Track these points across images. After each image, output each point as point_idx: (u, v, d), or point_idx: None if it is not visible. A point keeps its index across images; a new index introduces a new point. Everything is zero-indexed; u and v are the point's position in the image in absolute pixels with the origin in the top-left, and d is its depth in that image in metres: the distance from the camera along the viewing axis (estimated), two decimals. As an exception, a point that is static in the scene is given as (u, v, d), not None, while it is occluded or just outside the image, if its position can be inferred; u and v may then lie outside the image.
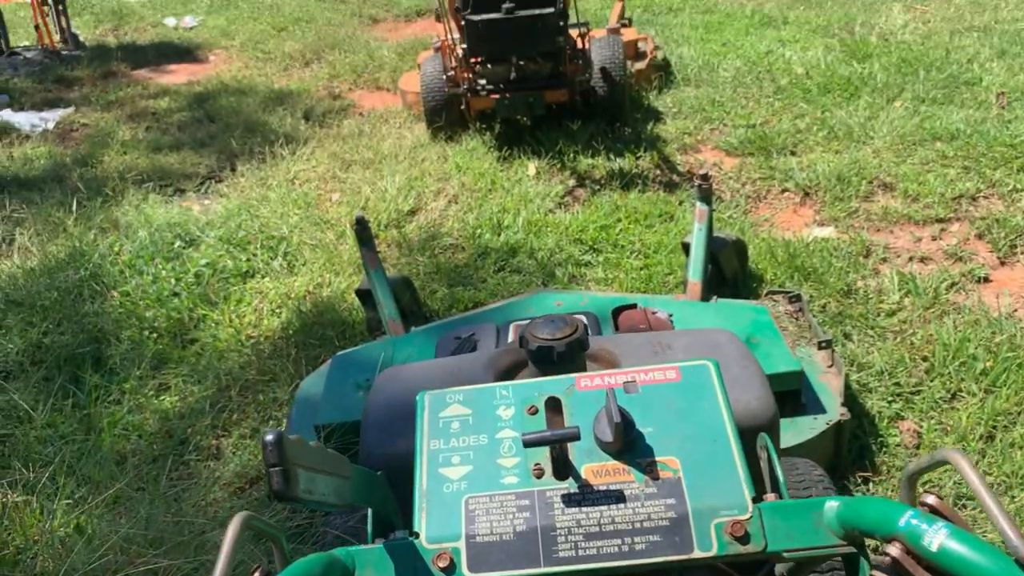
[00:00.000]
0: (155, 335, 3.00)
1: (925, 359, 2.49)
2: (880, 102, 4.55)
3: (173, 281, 3.27)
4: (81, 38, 7.28)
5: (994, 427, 2.21)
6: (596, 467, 0.79)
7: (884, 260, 3.13)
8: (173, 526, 1.99)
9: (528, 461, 0.81)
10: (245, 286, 3.27)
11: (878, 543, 0.74)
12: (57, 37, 6.99)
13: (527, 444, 0.75)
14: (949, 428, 2.23)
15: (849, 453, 2.15)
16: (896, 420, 2.29)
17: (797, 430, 1.98)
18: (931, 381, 2.40)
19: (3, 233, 3.84)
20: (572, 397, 0.85)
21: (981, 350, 2.45)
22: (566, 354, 1.01)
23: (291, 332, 2.95)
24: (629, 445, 0.80)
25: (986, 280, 2.94)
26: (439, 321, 2.56)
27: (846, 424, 2.04)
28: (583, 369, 1.06)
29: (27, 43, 7.19)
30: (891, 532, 0.65)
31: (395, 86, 5.51)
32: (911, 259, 3.11)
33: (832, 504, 0.75)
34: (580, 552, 0.74)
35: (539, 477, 0.80)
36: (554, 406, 0.85)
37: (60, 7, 6.97)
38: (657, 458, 0.79)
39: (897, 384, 2.40)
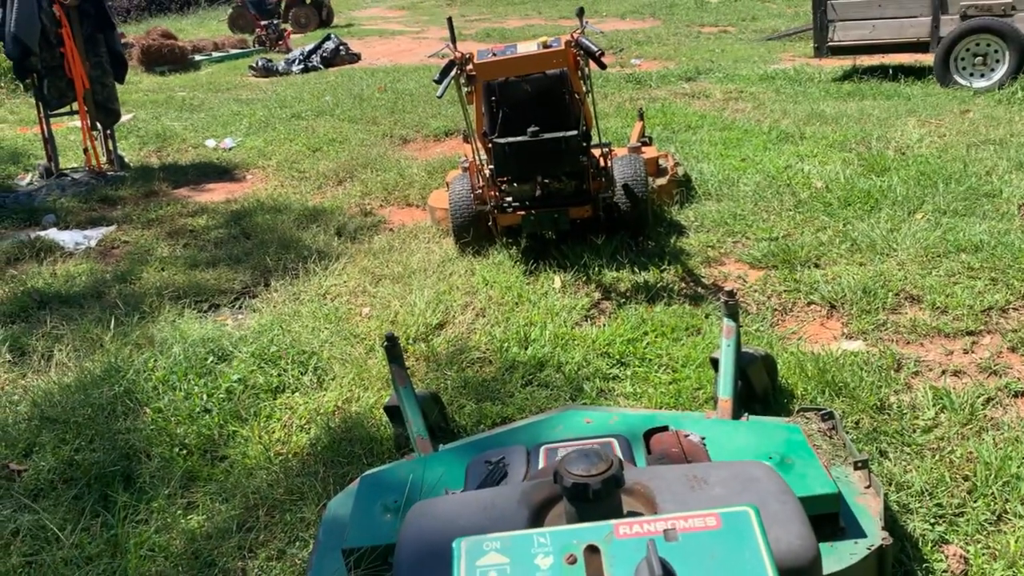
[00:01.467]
0: (185, 452, 3.02)
1: (966, 478, 2.42)
2: (901, 214, 4.60)
3: (205, 397, 3.31)
4: (126, 159, 7.64)
5: (1044, 552, 2.12)
6: None
7: (916, 374, 3.09)
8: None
9: None
10: (275, 402, 3.30)
11: None
12: (104, 159, 7.34)
13: None
14: (997, 553, 2.15)
15: (894, 580, 2.07)
16: (941, 544, 2.22)
17: (838, 556, 1.92)
18: (974, 502, 2.33)
19: (43, 349, 3.93)
20: (611, 545, 0.85)
21: (1024, 469, 2.39)
22: (602, 492, 1.01)
23: (319, 449, 2.95)
24: None
25: (1023, 395, 2.89)
26: (468, 439, 2.55)
27: (889, 549, 1.97)
28: (619, 505, 1.05)
29: (75, 165, 7.56)
30: None
31: (424, 203, 5.68)
32: (943, 373, 3.07)
33: None
34: None
35: None
36: (593, 555, 0.84)
37: (108, 131, 7.35)
38: None
39: (939, 505, 2.33)
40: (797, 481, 1.92)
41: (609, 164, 4.46)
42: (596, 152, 4.44)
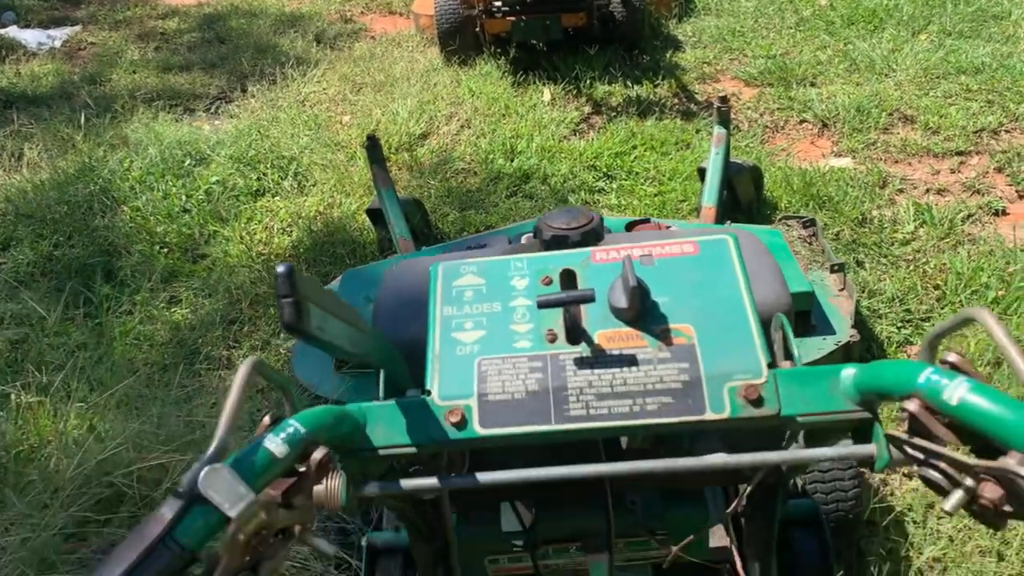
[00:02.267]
0: (166, 250, 3.01)
1: (937, 287, 2.47)
2: (905, 34, 4.43)
3: (184, 198, 3.26)
4: (88, -43, 7.12)
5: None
6: (609, 333, 0.78)
7: (901, 191, 3.08)
8: (184, 426, 2.01)
9: (541, 327, 0.80)
10: (256, 204, 3.26)
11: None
12: (64, -45, 6.82)
13: (541, 305, 0.75)
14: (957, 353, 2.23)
15: (857, 375, 2.15)
16: (905, 345, 2.29)
17: (805, 350, 1.98)
18: (942, 308, 2.39)
19: (12, 148, 3.81)
20: (587, 269, 0.84)
21: (994, 279, 2.43)
22: (580, 244, 1.00)
23: (302, 250, 2.95)
24: (643, 313, 0.79)
25: (1003, 213, 2.90)
26: (450, 242, 2.55)
27: (855, 346, 2.03)
28: None
29: (34, -39, 7.04)
30: (910, 389, 0.64)
31: (408, 10, 5.39)
32: (928, 191, 3.06)
33: (849, 371, 0.75)
34: (591, 411, 0.74)
35: (552, 342, 0.79)
36: (569, 277, 0.84)
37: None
38: (671, 325, 0.78)
39: (908, 311, 2.39)
40: (774, 279, 1.95)
41: (605, -31, 4.20)
42: (592, -46, 4.17)
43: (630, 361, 0.76)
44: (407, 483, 0.75)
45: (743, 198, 2.81)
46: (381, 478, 0.78)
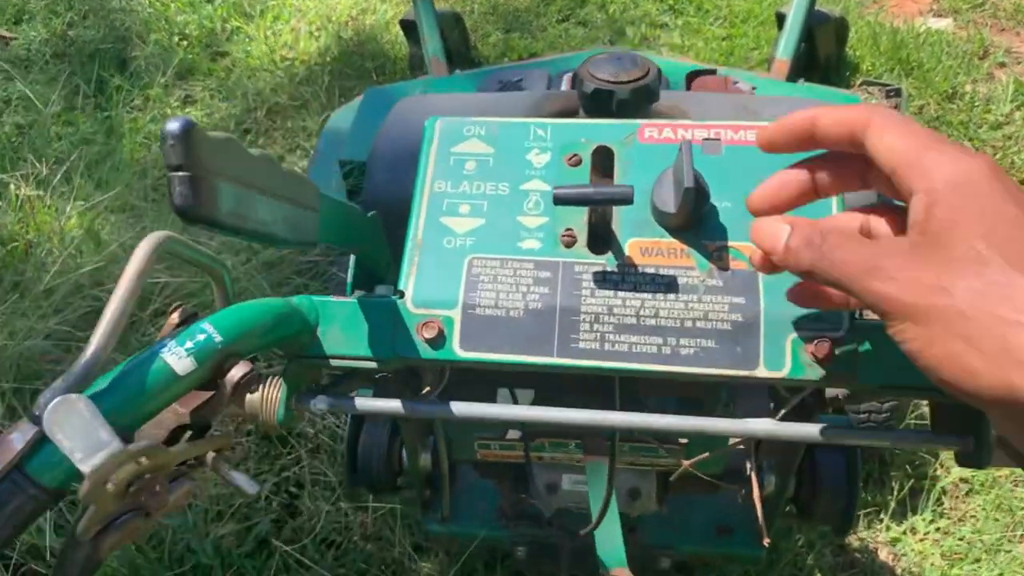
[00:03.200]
0: (185, 42, 2.78)
1: (1022, 182, 2.20)
2: None
3: (207, -15, 2.98)
4: None
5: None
6: (646, 243, 0.59)
7: (1002, 65, 2.72)
8: (189, 239, 1.90)
9: (557, 224, 0.61)
10: (284, 1, 2.97)
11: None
12: None
13: (558, 200, 0.55)
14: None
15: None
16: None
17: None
18: (1024, 207, 2.13)
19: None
20: (630, 149, 0.63)
21: (1091, 181, 2.16)
22: (629, 103, 0.77)
23: (328, 59, 2.71)
24: (696, 221, 0.58)
25: (1116, 104, 2.55)
26: (486, 68, 2.29)
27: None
28: None
29: None
30: None
31: None
32: (1034, 68, 2.70)
33: None
34: (606, 346, 0.56)
35: (569, 246, 0.59)
36: (604, 158, 0.63)
37: None
38: (731, 243, 0.58)
39: (985, 205, 2.15)
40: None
41: None
42: None
43: (668, 285, 0.57)
44: (363, 403, 0.60)
45: (822, 53, 2.48)
46: (332, 386, 0.64)
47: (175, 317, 0.50)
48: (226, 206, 0.44)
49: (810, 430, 0.57)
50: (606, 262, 0.58)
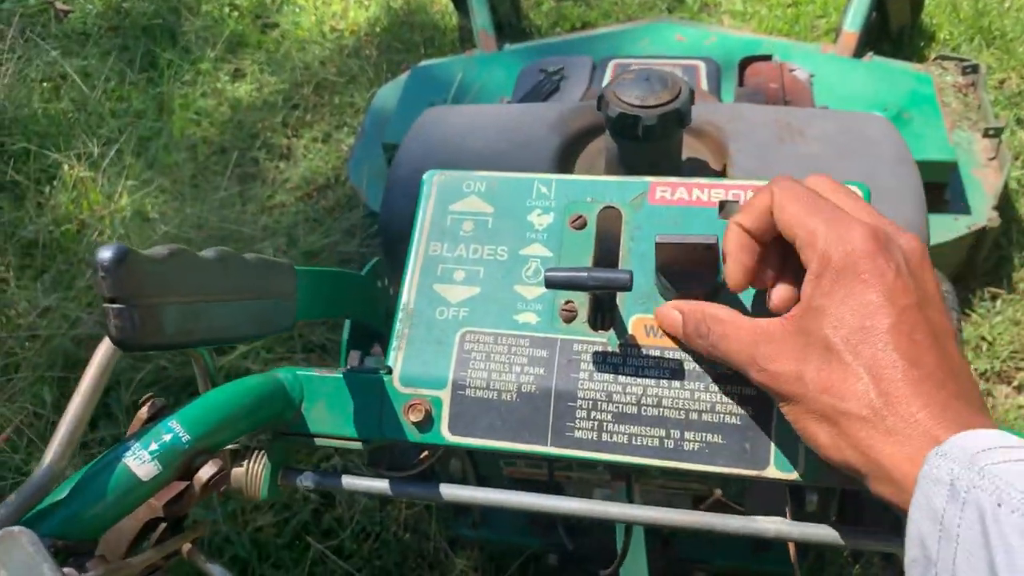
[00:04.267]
0: (236, 13, 2.77)
1: (1112, 164, 2.04)
2: None
3: (257, -46, 2.95)
4: None
5: None
6: (651, 321, 0.53)
7: (1096, 33, 2.51)
8: (232, 221, 1.90)
9: (558, 296, 0.56)
10: (334, -31, 2.93)
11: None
12: None
13: (550, 284, 0.50)
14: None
15: (984, 264, 1.84)
16: (1052, 233, 1.94)
17: (931, 231, 1.67)
18: (1111, 193, 1.98)
19: None
20: (640, 212, 0.57)
21: None
22: (655, 129, 0.70)
23: (377, 30, 2.66)
24: (705, 300, 0.52)
25: None
26: (537, 41, 2.22)
27: (990, 232, 1.70)
28: (677, 150, 0.76)
29: None
30: None
31: None
32: None
33: None
34: (604, 436, 0.52)
35: (568, 321, 0.54)
36: (611, 221, 0.58)
37: None
38: None
39: (1067, 190, 2.00)
40: (910, 142, 1.59)
41: None
42: None
43: (673, 371, 0.52)
44: (350, 482, 0.57)
45: (895, 23, 2.33)
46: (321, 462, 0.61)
47: (144, 412, 0.48)
48: (171, 328, 0.40)
49: (826, 533, 0.51)
50: (607, 341, 0.53)
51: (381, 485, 0.56)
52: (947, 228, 1.70)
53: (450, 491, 0.55)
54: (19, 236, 1.93)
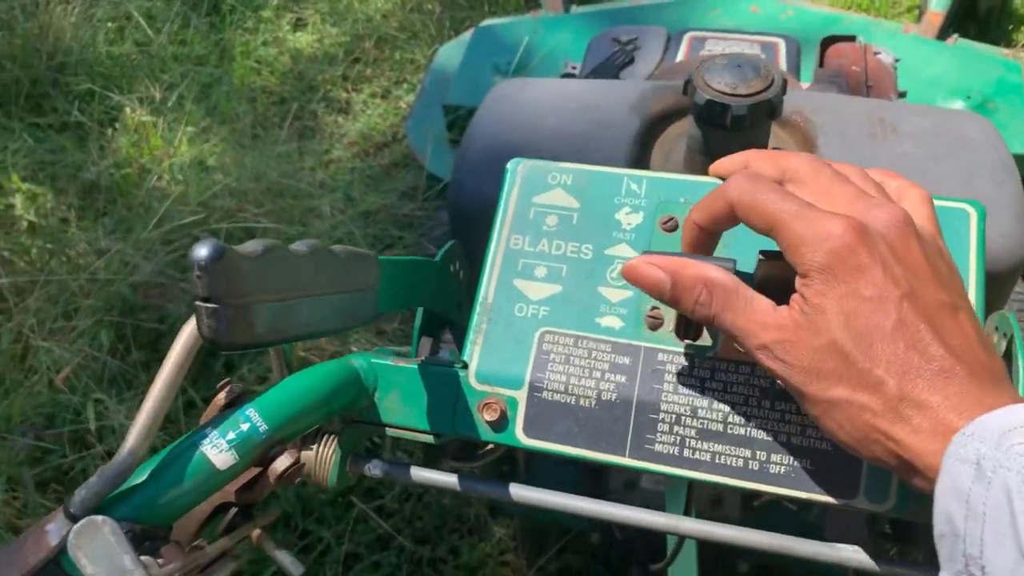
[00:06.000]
0: (299, -39, 2.74)
1: None
2: None
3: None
4: None
5: None
6: None
7: None
8: (291, 180, 1.90)
9: (643, 301, 0.54)
10: (400, -81, 2.87)
11: None
12: None
13: (628, 277, 0.48)
14: None
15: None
16: None
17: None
18: None
19: None
20: None
21: None
22: (745, 119, 0.67)
23: (442, -17, 2.62)
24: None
25: None
26: (604, 5, 2.16)
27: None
28: (765, 139, 0.72)
29: None
30: None
31: None
32: None
33: None
34: (686, 452, 0.50)
35: (654, 328, 0.52)
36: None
37: None
38: None
39: None
40: (996, 133, 1.52)
41: None
42: None
43: (763, 389, 0.50)
44: (418, 474, 0.56)
45: (983, 4, 2.22)
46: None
47: (221, 397, 0.47)
48: (262, 327, 0.39)
49: (912, 572, 0.49)
50: (695, 352, 0.52)
51: (449, 480, 0.55)
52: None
53: (519, 492, 0.54)
54: (81, 177, 1.95)
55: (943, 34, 1.94)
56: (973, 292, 0.53)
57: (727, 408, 0.50)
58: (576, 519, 1.29)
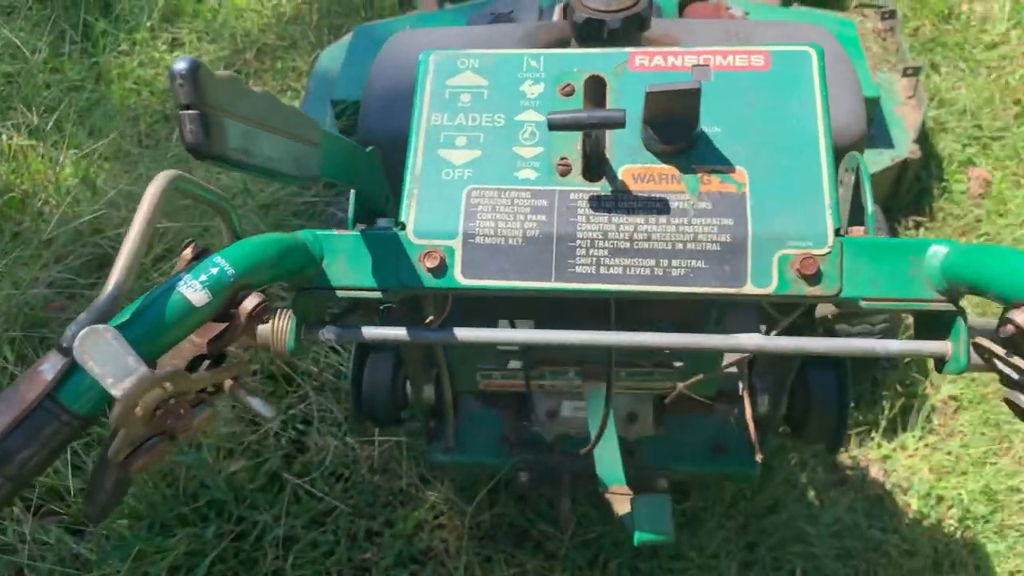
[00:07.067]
0: (168, -17, 2.73)
1: (1018, 102, 2.20)
2: None
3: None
4: None
5: (1075, 186, 1.99)
6: (638, 170, 0.62)
7: (1000, -17, 2.68)
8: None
9: (552, 153, 0.63)
10: (266, -63, 2.91)
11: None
12: None
13: (553, 126, 0.57)
14: (1023, 181, 2.02)
15: (907, 194, 1.97)
16: (967, 165, 2.08)
17: (857, 163, 1.78)
18: (1018, 127, 2.14)
19: None
20: (622, 78, 0.65)
21: (1086, 99, 2.16)
22: (619, 32, 0.78)
23: (315, -5, 2.67)
24: (686, 146, 0.62)
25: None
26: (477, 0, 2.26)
27: (912, 164, 1.83)
28: None
29: None
30: None
31: None
32: (1032, -15, 2.66)
33: (939, 249, 0.59)
34: (602, 270, 0.60)
35: (564, 175, 0.62)
36: (596, 87, 0.65)
37: None
38: (720, 167, 0.62)
39: (978, 127, 2.15)
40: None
41: None
42: None
43: (660, 209, 0.60)
44: (370, 331, 0.63)
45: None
46: (340, 317, 0.67)
47: (188, 252, 0.53)
48: (234, 142, 0.46)
49: (798, 343, 0.60)
50: (600, 189, 0.61)
51: (399, 332, 0.62)
52: (872, 161, 1.82)
53: (465, 333, 0.62)
54: (-39, 207, 1.89)
55: (786, 2, 2.14)
56: (821, 127, 0.64)
57: (631, 228, 0.60)
58: (505, 462, 1.35)
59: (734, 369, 1.28)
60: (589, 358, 1.03)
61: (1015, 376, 0.54)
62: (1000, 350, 0.54)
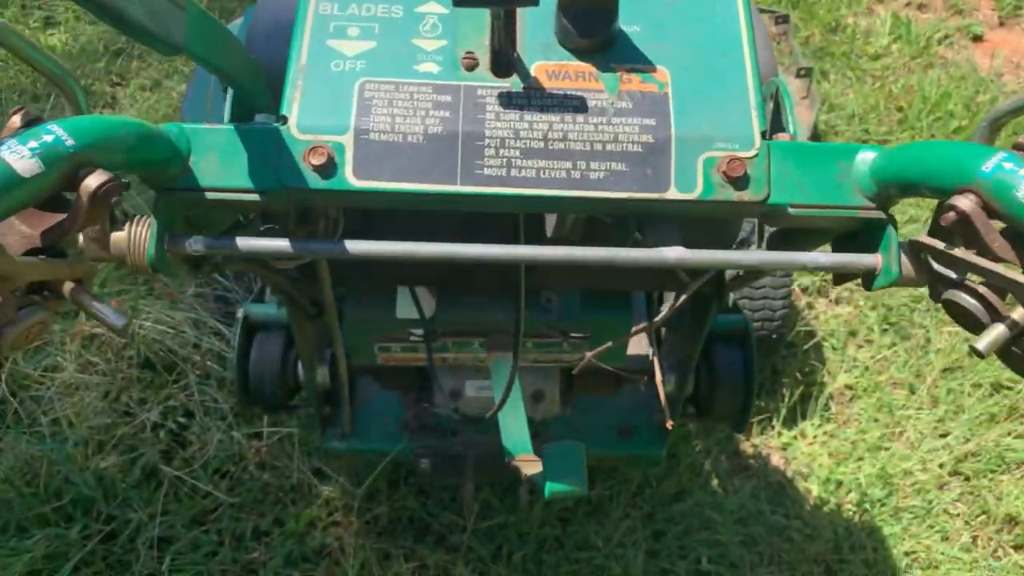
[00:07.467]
0: (43, -40, 2.55)
1: (900, 109, 2.31)
2: None
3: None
4: None
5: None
6: (553, 66, 0.56)
7: (881, 0, 2.82)
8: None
9: (457, 46, 0.57)
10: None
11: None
12: None
13: (459, 2, 0.51)
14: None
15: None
16: (856, 166, 2.16)
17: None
18: (901, 132, 2.24)
19: None
20: None
21: (960, 107, 2.28)
22: None
23: (207, -19, 2.54)
24: (604, 44, 0.57)
25: (980, 39, 2.70)
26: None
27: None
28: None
29: None
30: (967, 180, 0.47)
31: None
32: (909, 4, 2.82)
33: (867, 155, 0.57)
34: (513, 172, 0.54)
35: (470, 69, 0.56)
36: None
37: None
38: (640, 65, 0.57)
39: (866, 131, 2.24)
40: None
41: None
42: None
43: (576, 108, 0.55)
44: (245, 243, 0.54)
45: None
46: (214, 230, 0.58)
47: (16, 120, 0.44)
48: None
49: (723, 256, 0.56)
50: (511, 85, 0.55)
51: (281, 244, 0.54)
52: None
53: (355, 246, 0.54)
54: None
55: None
56: (744, 28, 0.61)
57: (546, 127, 0.54)
58: (405, 448, 1.27)
59: (642, 351, 1.25)
60: (496, 327, 0.97)
61: (952, 275, 0.51)
62: (940, 244, 0.51)
